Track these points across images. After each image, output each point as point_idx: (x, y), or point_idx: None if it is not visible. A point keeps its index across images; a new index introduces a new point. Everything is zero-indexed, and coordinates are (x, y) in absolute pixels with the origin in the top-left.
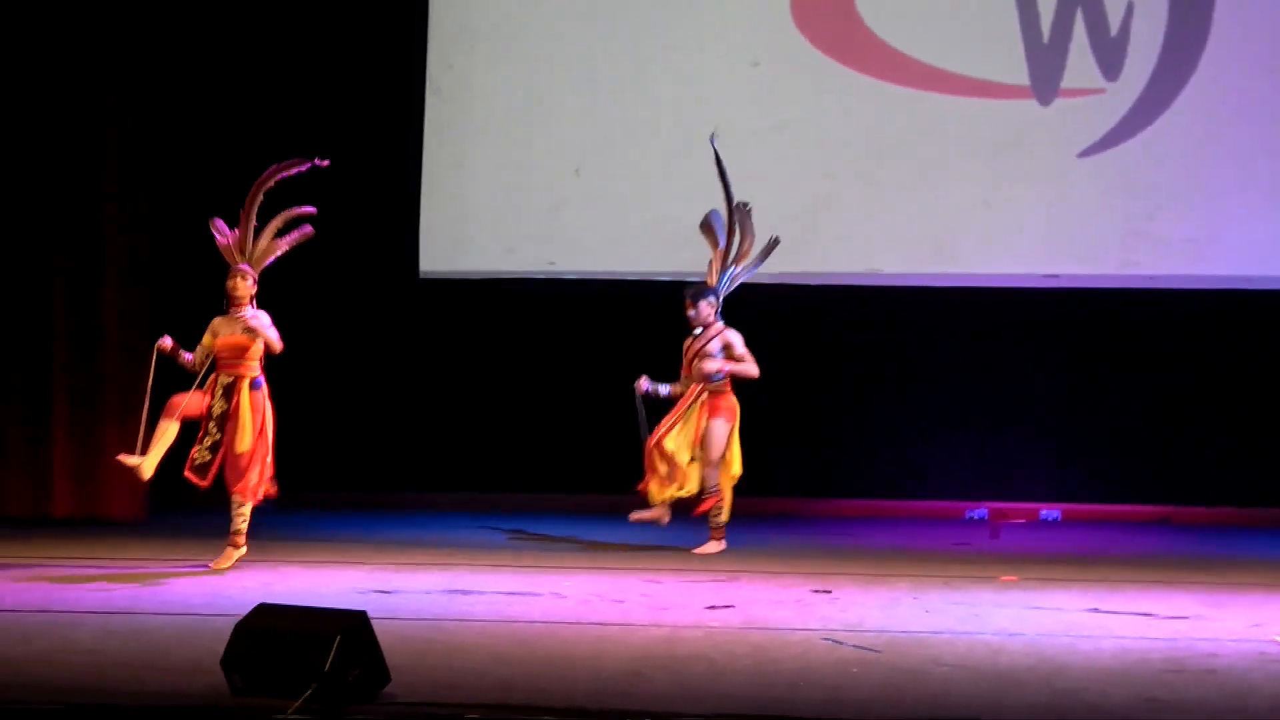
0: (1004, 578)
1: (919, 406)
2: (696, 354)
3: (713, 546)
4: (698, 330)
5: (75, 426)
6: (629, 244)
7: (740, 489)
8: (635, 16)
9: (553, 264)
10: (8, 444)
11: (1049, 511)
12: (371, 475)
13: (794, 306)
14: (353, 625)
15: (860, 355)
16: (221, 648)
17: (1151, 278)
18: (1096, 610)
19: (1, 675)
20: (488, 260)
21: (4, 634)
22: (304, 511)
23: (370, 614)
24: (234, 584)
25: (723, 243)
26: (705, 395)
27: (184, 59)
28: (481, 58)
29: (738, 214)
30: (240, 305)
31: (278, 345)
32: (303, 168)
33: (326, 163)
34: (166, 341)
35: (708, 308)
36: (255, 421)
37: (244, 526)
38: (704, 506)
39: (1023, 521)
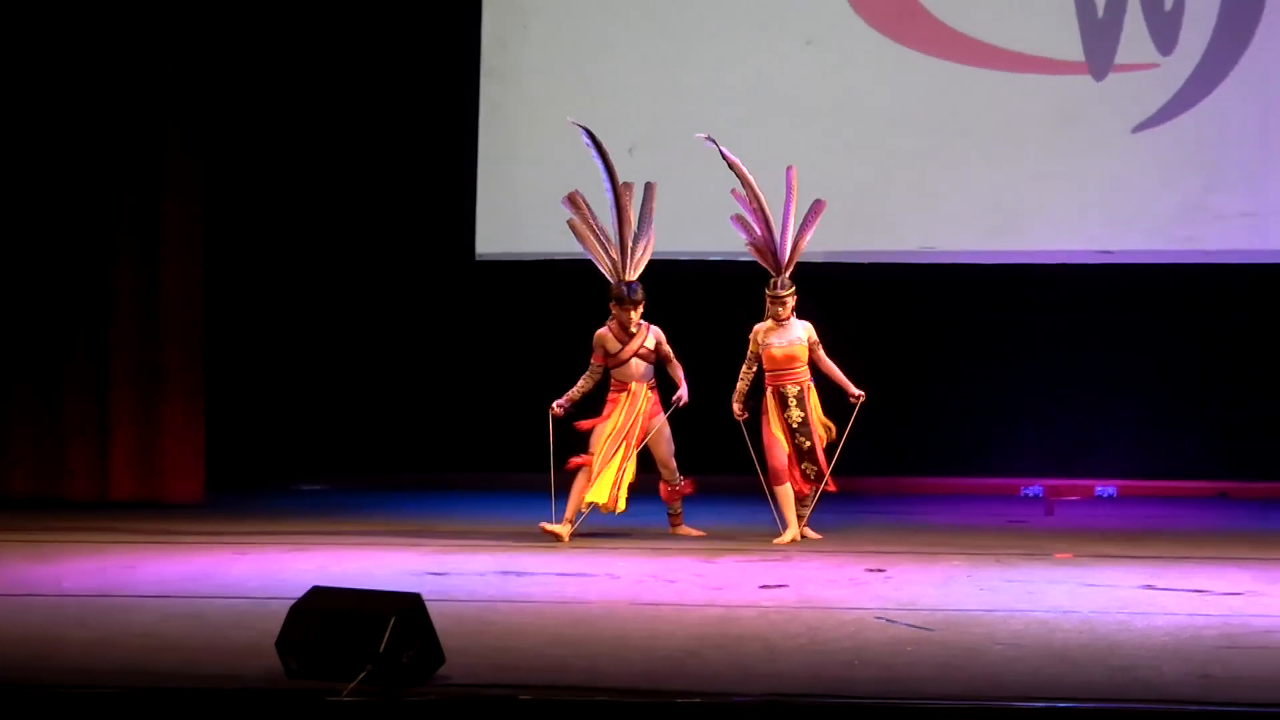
0: (1059, 555)
1: (974, 383)
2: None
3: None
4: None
5: (135, 409)
6: (684, 224)
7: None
8: None
9: None
10: (67, 427)
11: (1104, 488)
12: (427, 456)
13: (849, 284)
14: (407, 607)
15: (915, 332)
16: (276, 630)
17: (1208, 253)
18: (1151, 587)
19: (59, 658)
20: (543, 241)
21: (62, 617)
22: (360, 493)
23: (425, 596)
24: (289, 566)
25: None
26: (647, 393)
27: (241, 43)
28: (534, 36)
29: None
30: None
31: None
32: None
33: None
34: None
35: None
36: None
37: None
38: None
39: (1078, 498)
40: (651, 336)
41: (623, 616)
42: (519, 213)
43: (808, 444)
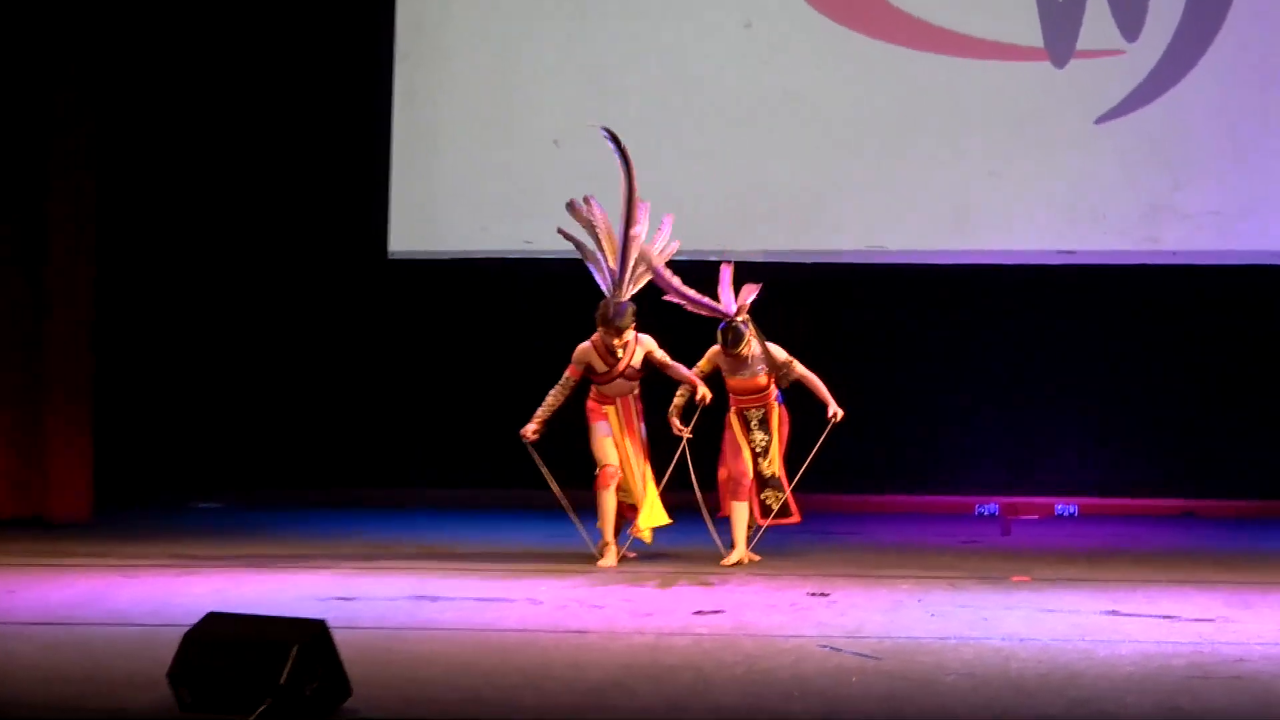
0: (1015, 578)
1: (924, 393)
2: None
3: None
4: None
5: (14, 420)
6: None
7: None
8: None
9: (530, 242)
10: None
11: (1064, 506)
12: (334, 471)
13: (788, 286)
14: (311, 635)
15: (862, 337)
16: (169, 660)
17: (1176, 254)
18: (1114, 613)
19: None
20: (461, 239)
21: None
22: (261, 510)
23: (330, 622)
24: (183, 590)
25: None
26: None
27: (136, 23)
28: (454, 19)
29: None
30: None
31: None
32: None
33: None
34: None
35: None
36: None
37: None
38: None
39: (1036, 517)
40: (640, 351)
41: (544, 645)
42: (436, 208)
43: (771, 471)
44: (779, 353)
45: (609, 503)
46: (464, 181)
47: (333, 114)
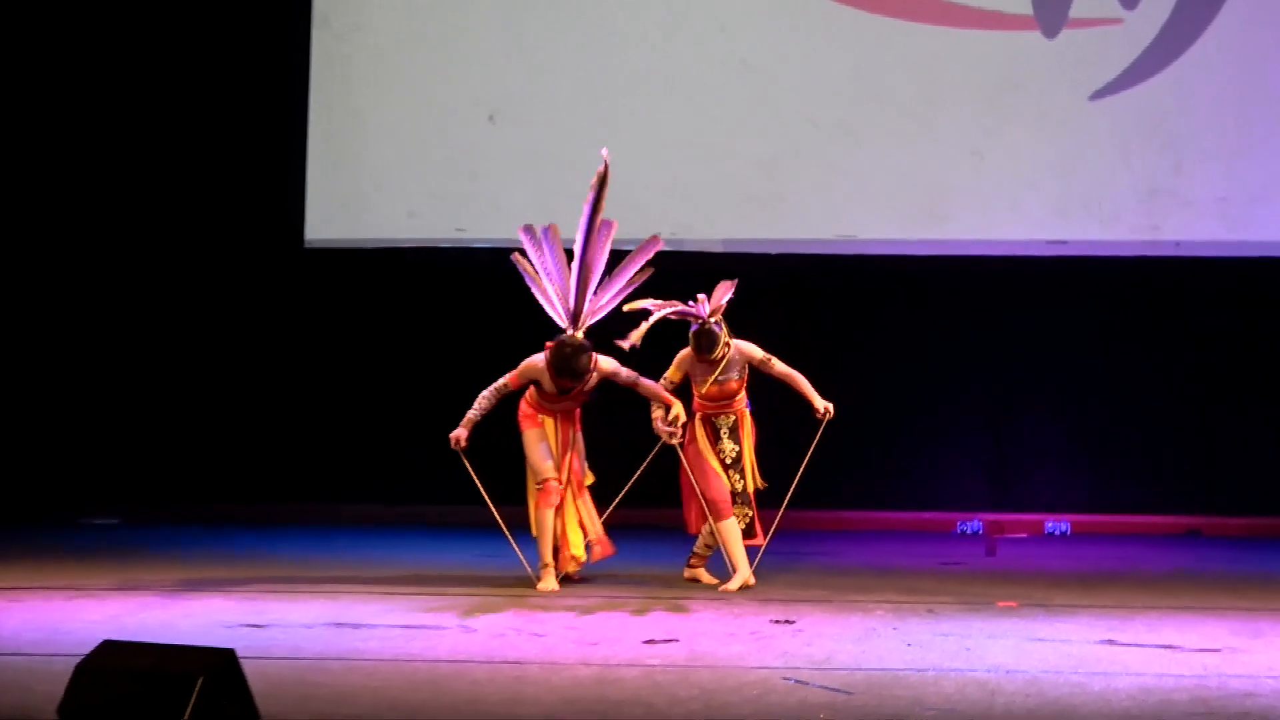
0: (1001, 603)
1: (900, 399)
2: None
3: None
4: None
5: None
6: (552, 207)
7: (679, 499)
8: None
9: (462, 230)
10: None
11: (1056, 523)
12: (242, 484)
13: (750, 279)
14: (218, 665)
15: (830, 336)
16: (60, 693)
17: (1178, 245)
18: (1111, 642)
19: None
20: (385, 226)
21: None
22: (160, 527)
23: (239, 652)
24: (75, 616)
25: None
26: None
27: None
28: None
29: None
30: None
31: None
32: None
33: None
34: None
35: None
36: None
37: None
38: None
39: (1024, 535)
40: (596, 378)
41: (477, 678)
42: (357, 191)
43: (740, 484)
44: (754, 351)
45: (549, 521)
46: (389, 162)
47: (241, 87)
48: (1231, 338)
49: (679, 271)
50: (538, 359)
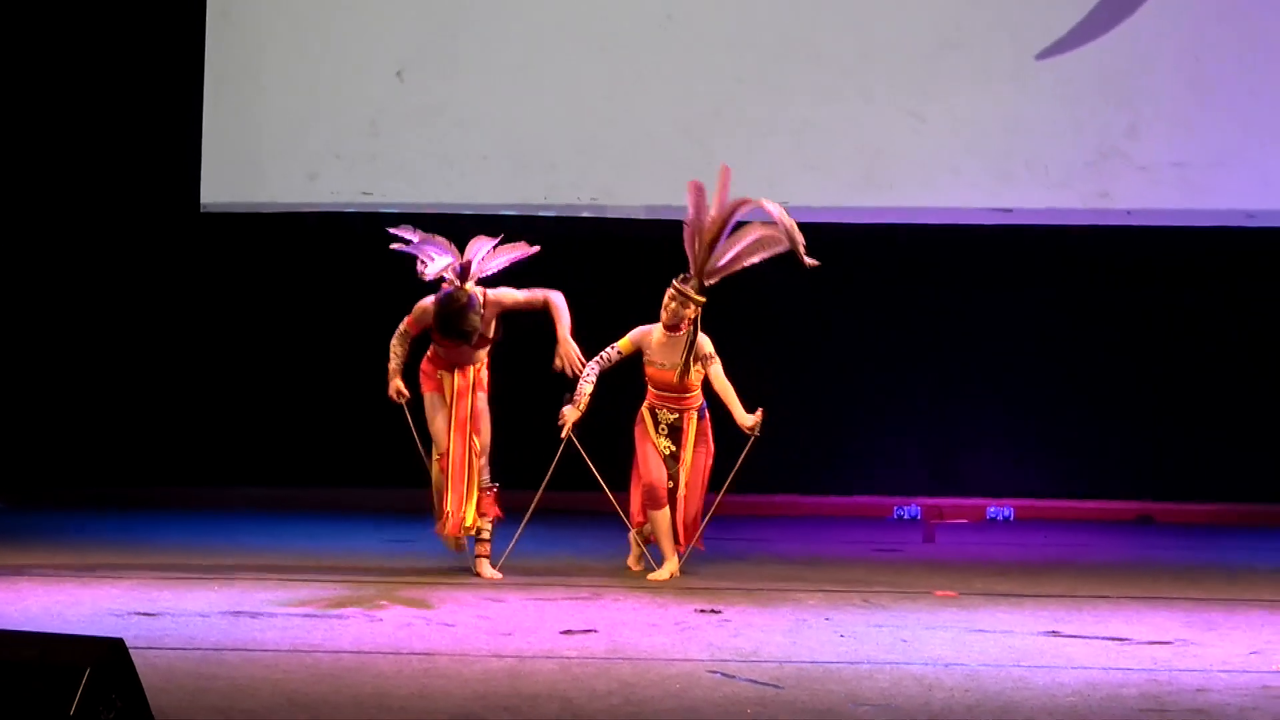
0: (940, 593)
1: (835, 377)
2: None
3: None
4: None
5: None
6: (465, 169)
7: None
8: None
9: (368, 194)
10: None
11: (998, 509)
12: (130, 466)
13: (676, 247)
14: (106, 656)
15: (758, 309)
16: None
17: (1130, 213)
18: (1055, 634)
19: None
20: (285, 189)
21: None
22: (44, 511)
23: (130, 642)
24: None
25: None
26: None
27: None
28: None
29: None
30: None
31: None
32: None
33: None
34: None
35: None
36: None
37: None
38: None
39: (965, 521)
40: (491, 315)
41: (383, 670)
42: (257, 152)
43: (671, 484)
44: (706, 344)
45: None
46: (290, 121)
47: (129, 37)
48: (1187, 313)
49: (601, 239)
50: (428, 301)
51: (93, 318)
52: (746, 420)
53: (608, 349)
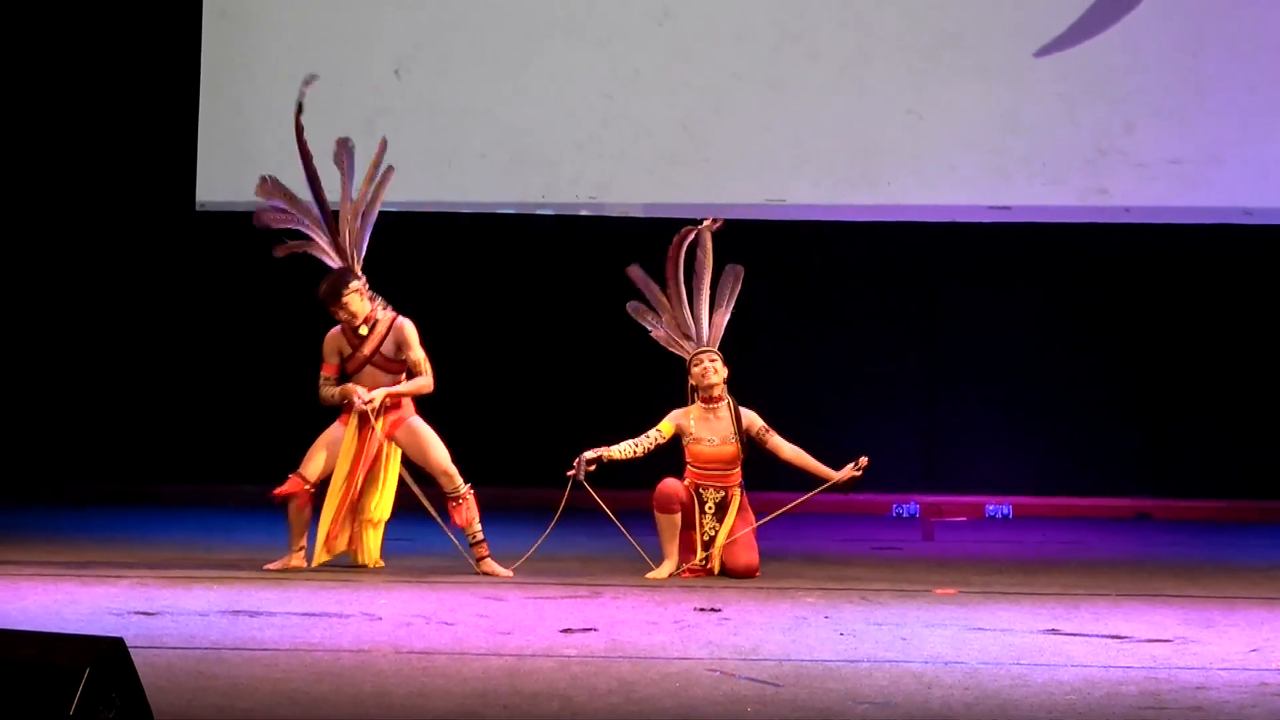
0: (939, 590)
1: (833, 373)
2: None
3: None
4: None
5: None
6: (462, 167)
7: (601, 481)
8: None
9: None
10: None
11: (997, 506)
12: (132, 462)
13: (665, 245)
14: (106, 655)
15: (752, 306)
16: None
17: (1128, 210)
18: (1054, 631)
19: None
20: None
21: None
22: (40, 508)
23: (129, 641)
24: None
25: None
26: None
27: None
28: None
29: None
30: None
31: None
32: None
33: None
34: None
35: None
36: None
37: None
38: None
39: (964, 519)
40: (393, 338)
41: (382, 669)
42: (253, 150)
43: (709, 537)
44: (755, 419)
45: (294, 516)
46: (287, 119)
47: (125, 36)
48: (1185, 309)
49: (600, 236)
50: (334, 329)
51: (90, 315)
52: (843, 476)
53: (655, 431)
